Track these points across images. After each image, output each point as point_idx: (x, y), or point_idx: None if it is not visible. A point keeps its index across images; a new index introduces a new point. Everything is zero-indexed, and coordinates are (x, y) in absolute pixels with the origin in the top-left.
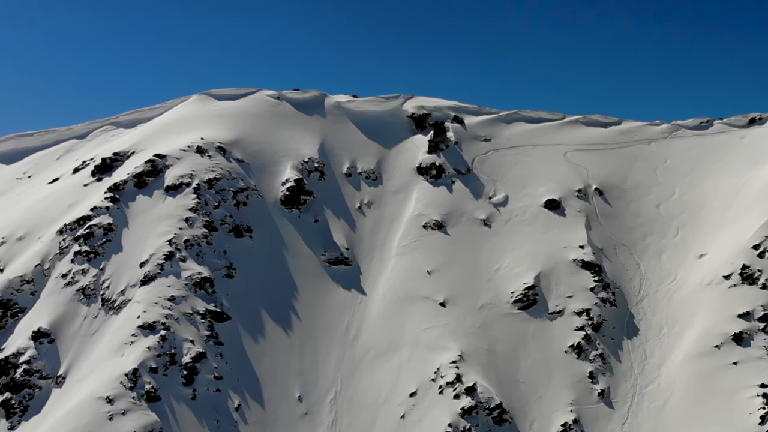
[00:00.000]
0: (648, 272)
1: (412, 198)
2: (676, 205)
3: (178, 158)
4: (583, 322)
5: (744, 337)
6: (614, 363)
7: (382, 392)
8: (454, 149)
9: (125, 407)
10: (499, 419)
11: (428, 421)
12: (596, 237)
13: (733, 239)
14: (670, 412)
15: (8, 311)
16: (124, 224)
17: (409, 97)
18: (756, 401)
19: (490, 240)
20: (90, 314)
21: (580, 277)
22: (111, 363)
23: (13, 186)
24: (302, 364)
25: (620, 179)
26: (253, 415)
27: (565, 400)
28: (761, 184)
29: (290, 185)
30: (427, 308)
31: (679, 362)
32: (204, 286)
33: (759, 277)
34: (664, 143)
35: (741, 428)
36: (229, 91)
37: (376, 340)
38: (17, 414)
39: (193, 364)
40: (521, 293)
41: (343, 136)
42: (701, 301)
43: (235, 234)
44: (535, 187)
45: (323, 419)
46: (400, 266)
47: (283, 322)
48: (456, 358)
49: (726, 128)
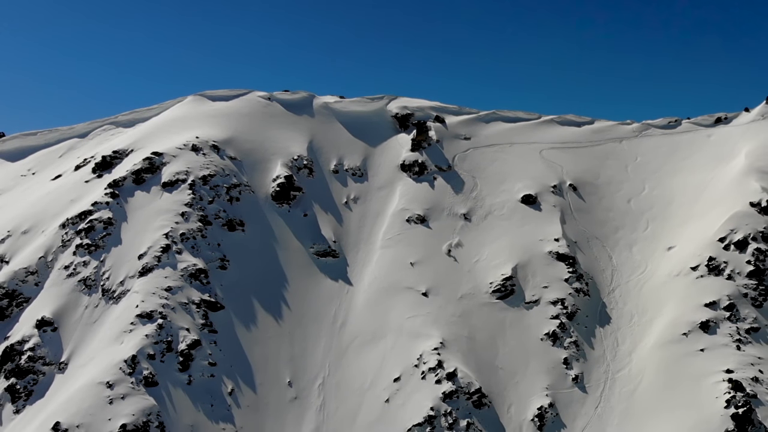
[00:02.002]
0: (619, 264)
1: (396, 193)
2: (646, 200)
3: (175, 156)
4: (558, 311)
5: (710, 326)
6: (587, 350)
7: (368, 377)
8: (435, 147)
9: (124, 392)
10: (478, 403)
11: (411, 404)
12: (570, 230)
13: (700, 232)
14: (641, 397)
15: (13, 301)
16: (123, 218)
17: (393, 98)
18: (721, 386)
19: (470, 233)
20: (91, 304)
21: (555, 268)
22: (111, 350)
23: (18, 182)
24: (292, 350)
25: (593, 176)
26: (246, 399)
27: (541, 385)
28: (726, 181)
29: (280, 181)
30: (411, 298)
31: (648, 349)
32: (199, 277)
33: (725, 268)
34: (635, 141)
35: (707, 412)
36: (222, 93)
37: (362, 328)
38: (22, 398)
39: (189, 351)
40: (499, 284)
41: (330, 134)
42: (670, 291)
43: (229, 228)
44: (512, 183)
45: (312, 403)
46: (385, 258)
47: (274, 311)
48: (437, 346)
49: (693, 127)
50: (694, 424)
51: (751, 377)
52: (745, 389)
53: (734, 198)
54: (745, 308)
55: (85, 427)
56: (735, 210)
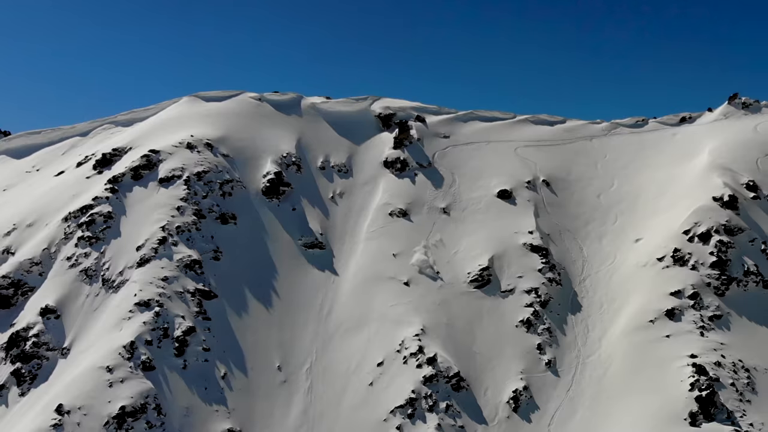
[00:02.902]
0: (590, 255)
1: (379, 189)
2: (615, 195)
3: (171, 153)
4: (532, 300)
5: (675, 313)
6: (560, 336)
7: (353, 362)
8: (416, 145)
9: (123, 376)
10: (457, 386)
11: (394, 388)
12: (544, 223)
13: (665, 225)
14: (610, 380)
15: (19, 290)
16: (122, 212)
17: (377, 98)
18: (686, 370)
19: (449, 226)
20: (92, 293)
21: (529, 259)
22: (110, 336)
23: (23, 178)
24: (281, 337)
25: (565, 172)
26: (238, 383)
27: (516, 369)
28: (691, 177)
29: (270, 177)
30: (393, 287)
31: (617, 335)
32: (193, 268)
33: (689, 259)
34: (604, 140)
35: (673, 394)
36: (215, 94)
37: (347, 316)
38: (27, 382)
39: (184, 337)
40: (477, 274)
41: (317, 133)
42: (637, 281)
43: (222, 221)
44: (488, 179)
45: (300, 386)
46: (369, 250)
47: (264, 299)
48: (418, 332)
49: (659, 126)
50: (660, 406)
51: (713, 362)
52: (708, 373)
53: (698, 193)
54: (708, 297)
55: (86, 408)
56: (699, 204)
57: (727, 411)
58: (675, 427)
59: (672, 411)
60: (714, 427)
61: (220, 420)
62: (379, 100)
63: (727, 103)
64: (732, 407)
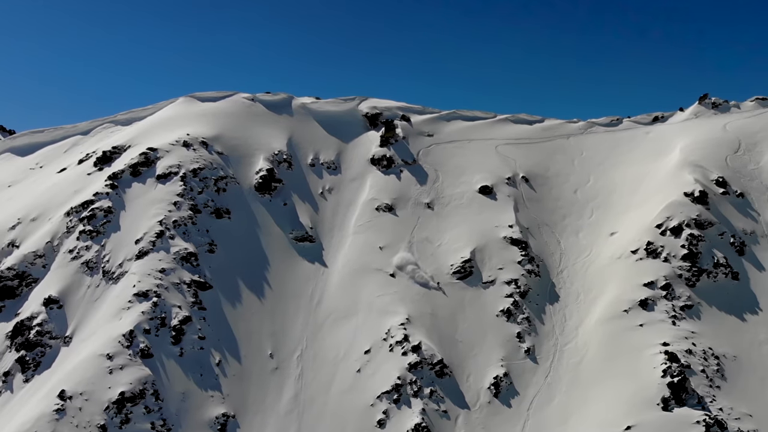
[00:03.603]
0: (567, 248)
1: (367, 185)
2: (591, 190)
3: (168, 151)
4: (512, 290)
5: (649, 303)
6: (538, 325)
7: (341, 350)
8: (402, 143)
9: (123, 363)
10: (440, 373)
11: (380, 374)
12: (523, 218)
13: (639, 220)
14: (586, 367)
15: (23, 281)
16: (122, 207)
17: (364, 99)
18: (659, 357)
19: (433, 220)
20: (93, 284)
21: (509, 252)
22: (110, 325)
23: (27, 175)
24: (273, 326)
25: (543, 169)
26: (232, 369)
27: (497, 357)
28: (663, 173)
29: (263, 174)
30: (379, 278)
31: (593, 324)
32: (189, 260)
33: (661, 251)
34: (581, 138)
35: (646, 380)
36: (210, 94)
37: (336, 306)
38: (31, 369)
39: (181, 326)
40: (459, 266)
41: (307, 132)
42: (612, 273)
43: (216, 215)
44: (470, 175)
45: (291, 373)
46: (357, 243)
47: (257, 290)
48: (404, 321)
49: (633, 125)
50: (634, 391)
51: (685, 350)
52: (679, 360)
53: (670, 189)
54: (679, 288)
55: (87, 394)
56: (671, 199)
57: (697, 396)
58: (648, 411)
59: (645, 396)
60: (685, 412)
61: (215, 405)
62: (366, 101)
63: (698, 103)
64: (702, 393)
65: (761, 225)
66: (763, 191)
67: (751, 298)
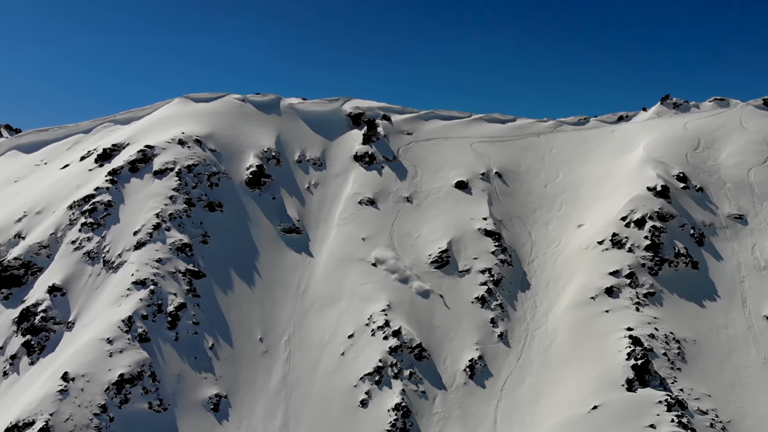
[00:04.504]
0: (537, 239)
1: (350, 180)
2: (560, 185)
3: (164, 149)
4: (486, 279)
5: (614, 291)
6: (511, 311)
7: (327, 335)
8: (383, 141)
9: (122, 346)
10: (419, 356)
11: (363, 357)
12: (496, 211)
13: (605, 212)
14: (555, 351)
15: (29, 270)
16: (121, 201)
17: (347, 99)
18: (623, 341)
19: (412, 213)
20: (94, 273)
21: (483, 242)
22: (110, 311)
23: (33, 171)
24: (262, 312)
25: (515, 165)
26: (224, 352)
27: (472, 341)
28: (627, 169)
29: (253, 170)
30: (362, 268)
31: (562, 310)
32: (184, 250)
33: (626, 242)
34: (550, 136)
35: (611, 363)
36: (203, 95)
37: (321, 293)
38: (36, 352)
39: (176, 312)
40: (437, 256)
41: (294, 130)
42: (580, 262)
43: (209, 209)
44: (447, 171)
45: (279, 356)
46: (341, 234)
47: (248, 278)
48: (385, 308)
49: (599, 124)
50: (600, 373)
51: (648, 334)
52: (643, 344)
53: (634, 183)
54: (643, 276)
55: (89, 376)
56: (635, 193)
57: (659, 378)
58: (613, 392)
59: (611, 377)
60: (648, 392)
61: (208, 386)
62: (350, 101)
63: (660, 103)
64: (664, 374)
65: (719, 217)
66: (721, 186)
67: (709, 286)
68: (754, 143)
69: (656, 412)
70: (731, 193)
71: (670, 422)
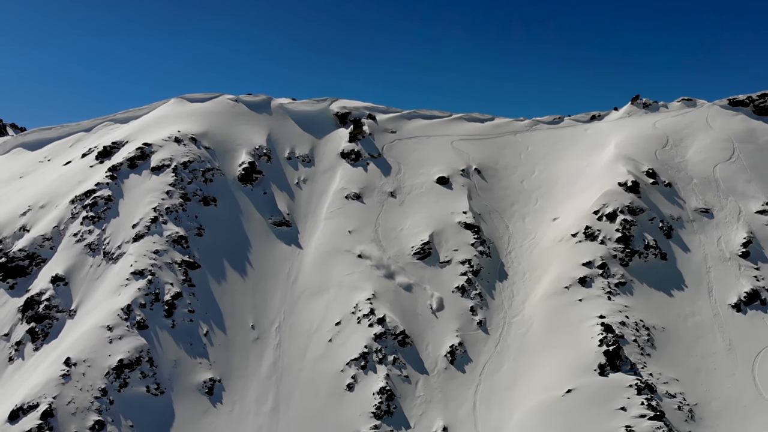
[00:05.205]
0: (514, 232)
1: (337, 176)
2: (536, 181)
3: (161, 146)
4: (466, 269)
5: (587, 280)
6: (489, 300)
7: (315, 322)
8: (368, 139)
9: (121, 333)
10: (402, 342)
11: (349, 344)
12: (476, 205)
13: (578, 207)
14: (531, 337)
15: (33, 261)
16: (120, 196)
17: (335, 99)
18: (596, 329)
19: (396, 207)
20: (95, 264)
21: (463, 235)
22: (110, 300)
23: (37, 167)
24: (254, 300)
25: (493, 162)
26: (218, 339)
27: (453, 328)
28: (600, 165)
29: (245, 166)
30: (348, 259)
31: (537, 299)
32: (180, 242)
33: (598, 235)
34: (527, 134)
35: (584, 349)
36: (198, 96)
37: (310, 283)
38: (40, 339)
39: (173, 301)
40: (419, 247)
41: (284, 129)
42: (554, 253)
43: (204, 203)
44: (429, 167)
45: (270, 342)
46: (328, 227)
47: (240, 269)
48: (370, 297)
49: (573, 123)
50: (574, 358)
51: (619, 321)
52: (614, 331)
53: (606, 179)
54: (614, 267)
55: (90, 361)
56: (606, 189)
57: (630, 363)
58: (586, 376)
59: (584, 363)
60: (619, 377)
61: (203, 370)
62: (337, 101)
63: (630, 103)
64: (634, 360)
65: (686, 211)
66: (688, 181)
67: (677, 276)
68: (719, 141)
69: (627, 396)
70: (698, 189)
71: (640, 405)
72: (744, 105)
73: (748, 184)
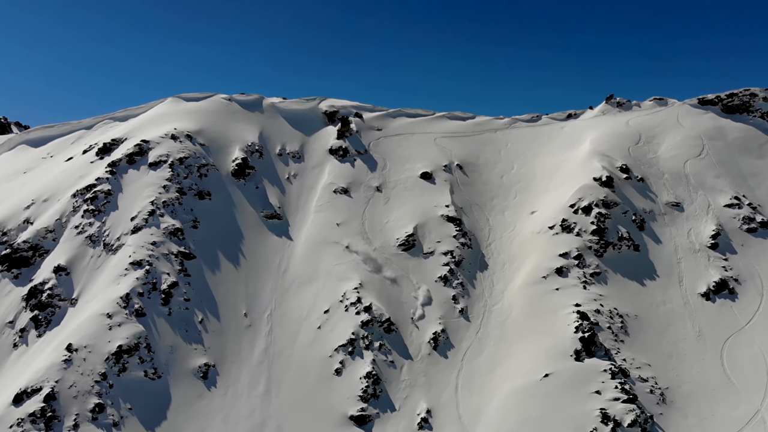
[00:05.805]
0: (494, 224)
1: (326, 171)
2: (515, 176)
3: (158, 143)
4: (448, 260)
5: (563, 270)
6: (470, 289)
7: (305, 310)
8: (355, 136)
9: (120, 321)
10: (388, 329)
11: (337, 331)
12: (458, 199)
13: (555, 200)
14: (511, 324)
15: (36, 252)
16: (120, 190)
17: (323, 99)
18: (572, 317)
19: (382, 201)
20: (95, 254)
21: (446, 227)
22: (110, 289)
23: (40, 163)
24: (247, 290)
25: (474, 158)
26: (212, 326)
27: (436, 316)
28: (576, 161)
29: (238, 162)
30: (337, 250)
31: (516, 288)
32: (177, 234)
33: (574, 227)
34: (506, 132)
35: (561, 336)
36: (194, 95)
37: (300, 273)
38: (43, 326)
39: (169, 290)
40: (404, 239)
41: (276, 127)
42: (532, 245)
43: (199, 197)
44: (413, 163)
45: (262, 329)
46: (317, 220)
47: (234, 260)
48: (357, 286)
49: (550, 121)
50: (551, 345)
51: (594, 310)
52: (589, 318)
53: (581, 174)
54: (589, 258)
55: (91, 347)
56: (582, 183)
57: (604, 349)
58: (563, 361)
59: (561, 349)
60: (594, 362)
61: (198, 356)
62: (325, 100)
63: (605, 102)
64: (609, 346)
65: (658, 205)
66: (660, 176)
67: (649, 267)
68: (689, 138)
69: (601, 380)
70: (669, 183)
71: (614, 389)
72: (713, 104)
73: (716, 179)
